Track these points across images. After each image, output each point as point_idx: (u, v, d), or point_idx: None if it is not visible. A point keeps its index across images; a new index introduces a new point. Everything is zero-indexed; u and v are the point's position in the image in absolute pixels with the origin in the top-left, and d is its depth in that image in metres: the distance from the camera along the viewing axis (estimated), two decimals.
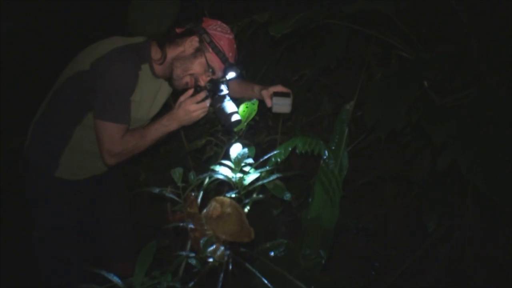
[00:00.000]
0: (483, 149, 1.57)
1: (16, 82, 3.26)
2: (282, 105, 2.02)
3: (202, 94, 1.92)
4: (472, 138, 1.61)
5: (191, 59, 1.97)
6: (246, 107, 2.10)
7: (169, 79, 2.04)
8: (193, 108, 1.90)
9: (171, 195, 1.67)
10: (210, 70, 1.98)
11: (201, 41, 1.96)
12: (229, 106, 1.97)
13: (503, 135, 1.59)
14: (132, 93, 1.93)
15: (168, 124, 1.93)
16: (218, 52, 1.96)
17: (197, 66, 1.98)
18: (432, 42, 2.26)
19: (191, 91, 1.94)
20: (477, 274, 2.65)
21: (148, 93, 2.04)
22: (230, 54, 1.99)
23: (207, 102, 1.93)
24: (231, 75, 2.02)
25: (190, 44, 1.97)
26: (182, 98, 1.94)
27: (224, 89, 2.00)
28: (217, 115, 2.00)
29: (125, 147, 1.91)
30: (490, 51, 2.04)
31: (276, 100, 2.01)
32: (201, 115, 1.93)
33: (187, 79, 2.00)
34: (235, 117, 1.97)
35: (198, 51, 1.97)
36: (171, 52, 1.99)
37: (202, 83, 1.99)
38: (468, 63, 2.04)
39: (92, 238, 2.31)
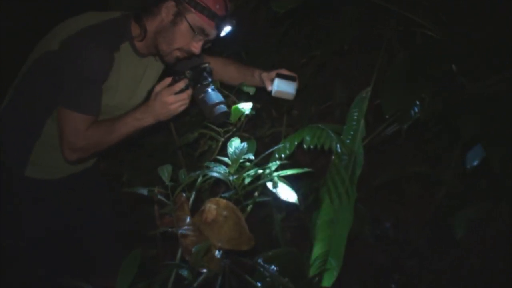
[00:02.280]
0: None
1: None
2: (285, 90, 2.01)
3: (181, 84, 1.88)
4: (506, 131, 1.62)
5: (172, 28, 1.93)
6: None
7: (158, 55, 2.03)
8: (170, 100, 1.86)
9: (159, 196, 1.68)
10: (199, 32, 1.95)
11: (178, 3, 1.92)
12: (212, 96, 1.94)
13: None
14: (105, 79, 1.91)
15: (141, 118, 1.90)
16: (202, 9, 1.90)
17: (180, 37, 1.94)
18: (462, 19, 2.26)
19: (168, 80, 1.90)
20: None
21: (130, 77, 2.03)
22: (217, 6, 1.93)
23: (188, 93, 1.89)
24: (227, 29, 1.99)
25: (167, 10, 1.93)
26: (158, 87, 1.90)
27: (208, 77, 1.97)
28: (200, 107, 1.98)
29: (88, 141, 1.89)
30: None
31: (278, 82, 2.00)
32: (180, 108, 1.89)
33: (177, 53, 1.99)
34: (219, 109, 1.93)
35: (178, 16, 1.92)
36: (150, 25, 1.96)
37: (196, 50, 1.96)
38: (505, 45, 2.04)
39: (70, 248, 2.32)
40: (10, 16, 3.55)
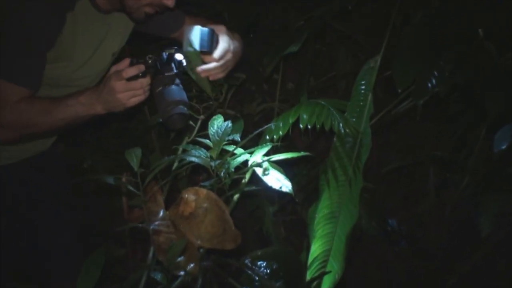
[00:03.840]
0: None
1: None
2: (198, 44, 1.96)
3: (134, 70, 1.84)
4: None
5: None
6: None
7: (124, 12, 2.01)
8: (119, 87, 1.82)
9: (127, 186, 1.69)
10: None
11: None
12: (173, 92, 1.90)
13: None
14: (51, 45, 1.89)
15: (87, 103, 1.88)
16: None
17: None
18: None
19: (127, 61, 1.87)
20: None
21: (89, 39, 2.01)
22: None
23: (142, 83, 1.85)
24: None
25: None
26: (112, 69, 1.88)
27: (174, 68, 1.95)
28: (155, 103, 1.94)
29: (18, 117, 1.87)
30: None
31: (190, 35, 1.96)
32: (131, 100, 1.86)
33: (146, 9, 1.96)
34: (177, 109, 1.88)
35: None
36: None
37: (169, 3, 1.92)
38: None
39: (23, 248, 2.32)
40: None
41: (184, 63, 2.00)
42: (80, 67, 2.04)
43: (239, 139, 1.88)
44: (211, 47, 2.00)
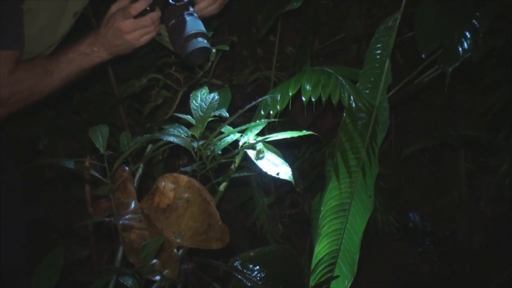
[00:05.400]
0: None
1: None
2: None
3: (142, 3, 1.88)
4: None
5: None
6: None
7: None
8: (127, 27, 1.88)
9: (91, 171, 1.69)
10: None
11: None
12: (189, 23, 1.93)
13: None
14: None
15: (90, 52, 1.93)
16: None
17: None
18: None
19: None
20: None
21: None
22: None
23: (152, 17, 1.90)
24: None
25: None
26: (113, 8, 1.92)
27: None
28: (169, 39, 1.98)
29: (18, 88, 1.91)
30: None
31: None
32: (142, 39, 1.93)
33: None
34: (197, 43, 1.91)
35: None
36: None
37: None
38: None
39: None
40: None
41: None
42: (45, 28, 2.06)
43: (228, 115, 1.88)
44: None
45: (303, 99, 1.96)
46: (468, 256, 3.05)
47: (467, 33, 1.83)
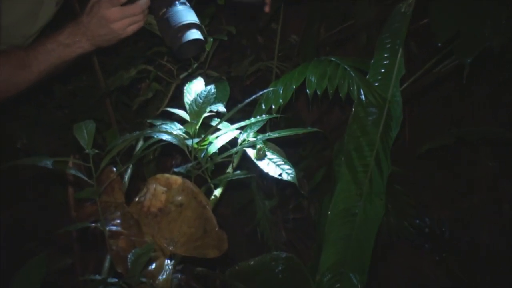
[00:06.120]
0: None
1: None
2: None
3: None
4: None
5: None
6: None
7: None
8: (115, 15, 1.88)
9: (74, 172, 1.68)
10: None
11: None
12: (181, 14, 1.94)
13: None
14: None
15: (71, 43, 1.93)
16: None
17: None
18: None
19: None
20: None
21: None
22: None
23: (141, 5, 1.90)
24: None
25: None
26: None
27: None
28: (159, 30, 1.99)
29: None
30: None
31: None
32: (129, 29, 1.93)
33: None
34: (190, 34, 1.92)
35: None
36: None
37: None
38: None
39: None
40: None
41: None
42: (22, 16, 2.07)
43: (225, 110, 1.87)
44: None
45: (308, 92, 1.96)
46: (491, 266, 3.05)
47: (487, 20, 1.83)
